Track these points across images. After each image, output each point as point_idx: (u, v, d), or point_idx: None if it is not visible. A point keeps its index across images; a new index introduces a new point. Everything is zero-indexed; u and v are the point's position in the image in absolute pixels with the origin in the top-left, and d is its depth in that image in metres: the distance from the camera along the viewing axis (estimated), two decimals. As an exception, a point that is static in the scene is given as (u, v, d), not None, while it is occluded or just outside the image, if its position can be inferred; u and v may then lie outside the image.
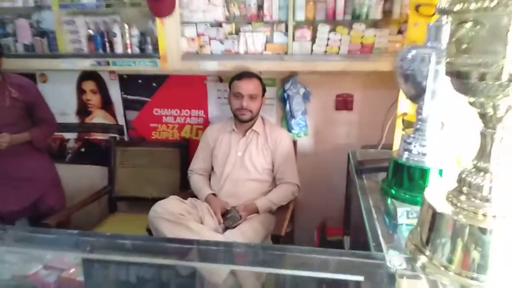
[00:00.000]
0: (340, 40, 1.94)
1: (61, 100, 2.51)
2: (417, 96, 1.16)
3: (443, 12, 1.09)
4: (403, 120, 1.46)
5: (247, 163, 1.96)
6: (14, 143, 1.99)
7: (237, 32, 2.08)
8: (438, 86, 1.09)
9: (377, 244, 0.99)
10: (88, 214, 2.40)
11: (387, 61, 1.89)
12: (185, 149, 2.42)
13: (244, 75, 1.94)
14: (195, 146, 2.31)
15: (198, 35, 2.08)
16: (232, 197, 1.94)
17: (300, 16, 1.93)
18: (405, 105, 1.49)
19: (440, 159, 1.16)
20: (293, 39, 1.98)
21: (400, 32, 1.92)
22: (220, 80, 2.32)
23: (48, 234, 1.00)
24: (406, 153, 1.22)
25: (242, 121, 1.97)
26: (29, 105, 2.08)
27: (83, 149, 2.64)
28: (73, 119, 2.56)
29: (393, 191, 1.25)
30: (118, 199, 2.50)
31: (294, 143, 2.14)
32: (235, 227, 1.75)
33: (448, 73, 0.84)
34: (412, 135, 1.21)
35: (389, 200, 1.25)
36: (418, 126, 1.20)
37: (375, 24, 1.94)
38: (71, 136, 2.61)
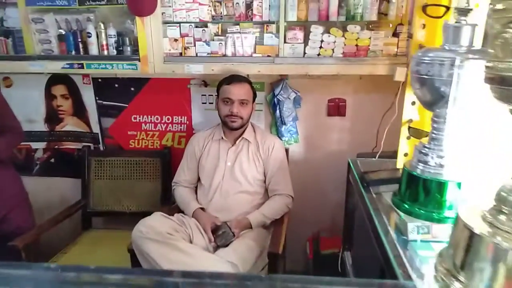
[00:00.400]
0: (334, 42, 1.84)
1: (28, 106, 2.29)
2: (433, 102, 1.06)
3: (462, 12, 1.00)
4: (409, 128, 1.37)
5: (237, 174, 1.82)
6: None
7: (224, 33, 1.94)
8: (460, 93, 0.99)
9: (404, 271, 0.88)
10: (60, 232, 2.18)
11: (383, 65, 1.81)
12: (167, 159, 2.25)
13: (234, 79, 1.80)
14: (178, 155, 2.15)
15: (182, 36, 1.93)
16: (222, 211, 1.79)
17: (292, 16, 1.81)
18: (410, 112, 1.39)
19: (459, 171, 1.07)
20: (285, 41, 1.86)
21: (395, 34, 1.84)
22: (205, 84, 2.18)
23: (22, 269, 0.81)
24: (421, 164, 1.12)
25: (232, 128, 1.83)
26: None
27: (52, 160, 2.42)
28: (41, 127, 2.34)
29: (406, 206, 1.15)
30: (93, 215, 2.30)
31: (286, 151, 2.02)
32: (227, 245, 1.60)
33: (488, 79, 0.74)
34: (427, 145, 1.11)
35: (401, 215, 1.15)
36: (434, 135, 1.10)
37: (369, 26, 1.86)
38: (39, 145, 2.38)
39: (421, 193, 1.11)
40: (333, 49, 1.86)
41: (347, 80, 2.06)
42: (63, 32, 1.95)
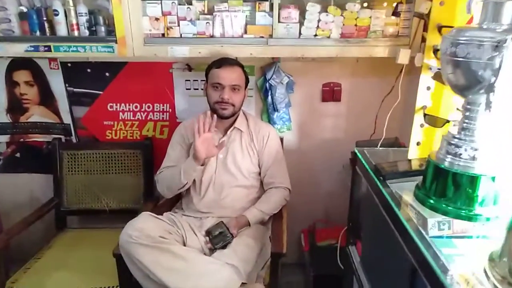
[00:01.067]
0: (332, 22, 1.70)
1: (-15, 95, 2.02)
2: (467, 87, 0.95)
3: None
4: (425, 115, 1.26)
5: (230, 166, 1.67)
6: None
7: (211, 11, 1.75)
8: (500, 77, 0.88)
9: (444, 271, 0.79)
10: (31, 235, 1.96)
11: (384, 46, 1.69)
12: (148, 150, 2.06)
13: (225, 62, 1.63)
14: (161, 146, 1.98)
15: (164, 14, 1.72)
16: (215, 208, 1.65)
17: (287, -8, 1.65)
18: (425, 98, 1.29)
19: (494, 165, 0.97)
20: (279, 20, 1.70)
21: (395, 13, 1.72)
22: (189, 68, 1.99)
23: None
24: (450, 157, 1.02)
25: (223, 117, 1.66)
26: None
27: (18, 155, 2.17)
28: (3, 118, 2.07)
29: (431, 201, 1.05)
30: (68, 213, 2.09)
31: (281, 140, 1.88)
32: (225, 246, 1.46)
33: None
34: (457, 136, 1.01)
35: (426, 210, 1.05)
36: (466, 124, 0.99)
37: (369, 4, 1.73)
38: (1, 139, 2.12)
39: (450, 187, 1.01)
40: (330, 29, 1.72)
41: (343, 63, 1.95)
42: (25, 10, 1.69)
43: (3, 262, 1.66)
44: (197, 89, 2.01)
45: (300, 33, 1.72)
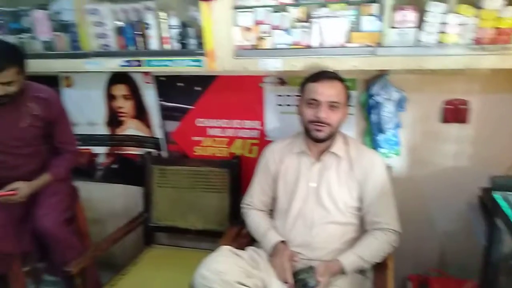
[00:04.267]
0: (463, 24, 1.34)
1: (88, 107, 2.10)
2: None
3: None
4: None
5: (324, 198, 1.42)
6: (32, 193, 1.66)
7: (308, 18, 1.53)
8: None
9: None
10: (119, 247, 1.96)
11: (538, 54, 1.27)
12: (236, 169, 1.91)
13: (323, 75, 1.39)
14: (249, 166, 1.82)
15: (256, 23, 1.55)
16: (303, 247, 1.41)
17: (403, -9, 1.35)
18: None
19: None
20: (390, 25, 1.40)
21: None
22: (282, 82, 1.79)
23: None
24: None
25: (317, 139, 1.42)
26: (49, 124, 1.69)
27: (115, 166, 2.22)
28: (102, 130, 2.14)
29: None
30: (156, 230, 2.05)
31: (389, 169, 1.56)
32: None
33: None
34: None
35: None
36: None
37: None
38: (100, 150, 2.19)
39: None
40: (459, 34, 1.36)
41: (472, 75, 1.55)
42: (121, 24, 1.68)
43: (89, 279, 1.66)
44: (290, 105, 1.80)
45: (417, 40, 1.40)
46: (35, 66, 1.68)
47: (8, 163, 1.67)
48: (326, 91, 1.37)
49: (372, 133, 1.70)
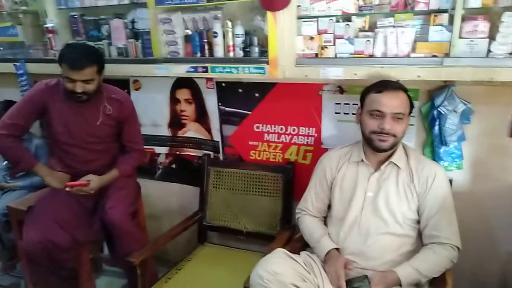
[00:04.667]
0: (540, 35, 1.29)
1: (153, 110, 2.23)
2: None
3: None
4: None
5: (382, 209, 1.41)
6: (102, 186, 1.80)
7: (372, 28, 1.54)
8: None
9: None
10: (172, 244, 2.05)
11: None
12: (290, 175, 1.94)
13: (387, 86, 1.39)
14: (302, 172, 1.87)
15: (319, 32, 1.59)
16: (358, 256, 1.40)
17: (475, 1, 1.32)
18: None
19: None
20: (460, 35, 1.37)
21: None
22: (341, 91, 1.80)
23: None
24: None
25: (380, 149, 1.41)
26: (120, 123, 1.83)
27: (174, 166, 2.34)
28: (165, 131, 2.26)
29: None
30: (209, 229, 2.13)
31: (450, 182, 1.52)
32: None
33: None
34: None
35: None
36: None
37: None
38: (162, 150, 2.32)
39: None
40: (535, 45, 1.30)
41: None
42: (190, 32, 1.79)
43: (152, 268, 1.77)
44: (348, 113, 1.81)
45: (488, 51, 1.36)
46: (110, 70, 1.84)
47: (83, 157, 1.83)
48: (391, 102, 1.36)
49: (433, 145, 1.66)
